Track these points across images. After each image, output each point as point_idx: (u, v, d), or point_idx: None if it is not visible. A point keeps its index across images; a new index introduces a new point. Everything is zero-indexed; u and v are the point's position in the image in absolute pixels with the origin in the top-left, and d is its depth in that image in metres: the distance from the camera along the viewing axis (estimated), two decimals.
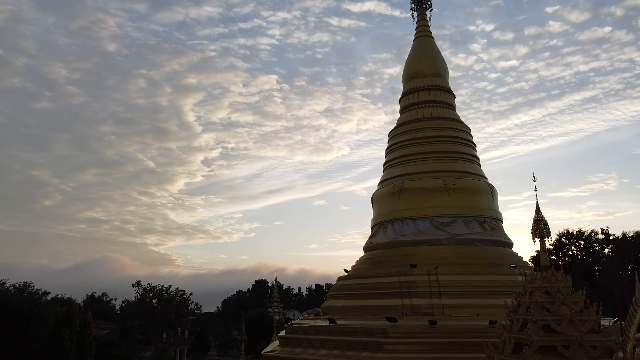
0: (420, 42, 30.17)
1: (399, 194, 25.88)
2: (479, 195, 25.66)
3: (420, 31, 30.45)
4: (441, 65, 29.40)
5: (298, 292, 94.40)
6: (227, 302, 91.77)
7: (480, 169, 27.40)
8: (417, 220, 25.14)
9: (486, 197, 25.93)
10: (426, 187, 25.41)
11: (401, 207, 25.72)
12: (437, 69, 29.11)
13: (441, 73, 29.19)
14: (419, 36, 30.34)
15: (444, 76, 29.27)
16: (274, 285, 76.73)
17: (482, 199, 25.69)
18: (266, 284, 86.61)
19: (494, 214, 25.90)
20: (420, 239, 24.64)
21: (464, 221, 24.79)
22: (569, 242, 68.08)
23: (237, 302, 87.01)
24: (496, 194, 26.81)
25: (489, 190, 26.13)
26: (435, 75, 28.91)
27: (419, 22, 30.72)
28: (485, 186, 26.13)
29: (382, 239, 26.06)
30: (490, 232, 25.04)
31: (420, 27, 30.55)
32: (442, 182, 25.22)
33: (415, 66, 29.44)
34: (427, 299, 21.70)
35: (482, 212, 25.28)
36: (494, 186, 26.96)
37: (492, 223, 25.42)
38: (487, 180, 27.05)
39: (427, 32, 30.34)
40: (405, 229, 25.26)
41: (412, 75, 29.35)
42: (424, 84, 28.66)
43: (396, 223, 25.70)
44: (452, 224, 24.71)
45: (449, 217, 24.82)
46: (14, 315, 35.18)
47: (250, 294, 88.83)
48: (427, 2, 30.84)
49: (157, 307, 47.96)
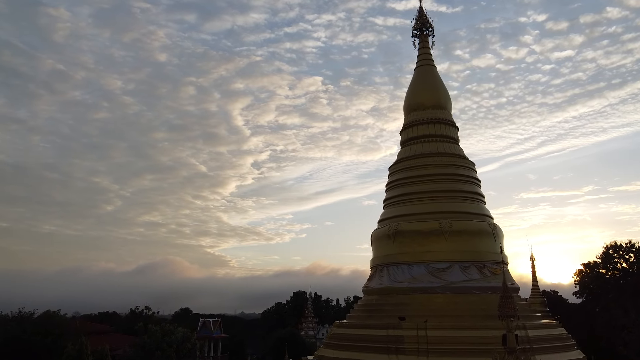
0: (420, 71, 28.86)
1: (394, 237, 24.84)
2: (479, 238, 24.18)
3: (422, 59, 29.13)
4: (442, 96, 27.98)
5: (336, 303, 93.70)
6: (267, 314, 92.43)
7: (483, 208, 25.86)
8: (411, 266, 24.02)
9: (487, 239, 24.40)
10: (421, 230, 24.22)
11: (396, 251, 24.67)
12: (438, 101, 27.72)
13: (442, 104, 27.77)
14: (420, 65, 29.03)
15: (445, 108, 27.84)
16: (309, 299, 76.35)
17: (481, 242, 24.19)
18: (304, 296, 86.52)
19: (495, 257, 24.29)
20: (414, 287, 23.50)
21: (461, 267, 23.44)
22: (618, 255, 64.12)
23: (275, 314, 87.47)
24: (500, 234, 25.22)
25: (490, 231, 24.57)
26: (436, 107, 27.54)
27: (421, 49, 29.39)
28: (487, 227, 24.59)
29: (377, 284, 25.09)
30: (490, 278, 23.51)
31: (422, 54, 29.23)
32: (437, 224, 23.96)
33: (415, 98, 28.19)
34: (414, 356, 20.64)
35: (482, 257, 23.80)
36: (497, 226, 25.38)
37: (493, 268, 23.87)
38: (491, 220, 25.50)
39: (429, 61, 28.98)
40: (400, 275, 24.18)
41: (412, 107, 28.11)
42: (424, 116, 27.37)
43: (391, 268, 24.67)
44: (447, 270, 23.42)
45: (444, 262, 23.53)
46: (38, 350, 36.67)
47: (289, 305, 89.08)
48: (429, 28, 29.46)
49: None
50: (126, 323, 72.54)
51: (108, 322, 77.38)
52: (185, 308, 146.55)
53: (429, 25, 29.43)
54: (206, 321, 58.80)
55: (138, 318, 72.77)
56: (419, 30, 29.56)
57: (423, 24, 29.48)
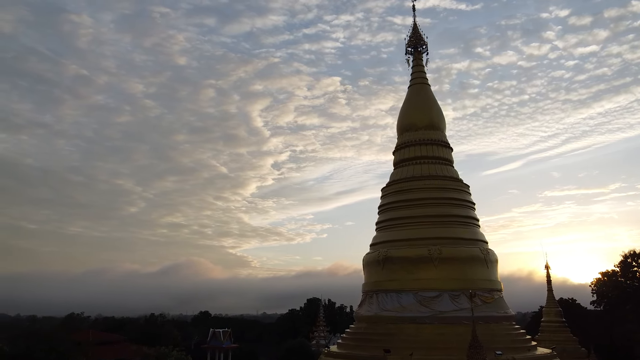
0: (413, 90, 28.23)
1: (383, 263, 24.33)
2: (469, 265, 23.49)
3: (415, 77, 28.49)
4: (435, 116, 27.31)
5: (350, 310, 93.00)
6: (281, 321, 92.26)
7: (476, 232, 25.13)
8: (400, 294, 23.45)
9: (479, 266, 23.69)
10: (410, 256, 23.64)
11: (385, 277, 24.16)
12: (431, 121, 27.06)
13: (435, 125, 27.10)
14: (413, 84, 28.40)
15: (438, 128, 27.16)
16: (323, 306, 75.76)
17: (473, 269, 23.50)
18: (318, 302, 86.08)
19: (487, 284, 23.62)
20: (402, 316, 22.93)
21: (451, 296, 22.78)
22: (637, 263, 62.38)
23: (289, 322, 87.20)
24: (493, 259, 24.47)
25: (482, 257, 23.85)
26: (429, 127, 26.89)
27: (414, 67, 28.75)
28: (478, 253, 23.86)
29: (366, 311, 24.60)
30: (481, 307, 22.77)
31: (415, 72, 28.59)
32: (427, 251, 23.36)
33: (407, 118, 27.59)
34: None
35: (473, 284, 23.05)
36: (491, 251, 24.64)
37: (485, 296, 23.16)
38: (484, 245, 24.77)
39: (423, 79, 28.32)
40: (389, 303, 23.64)
41: (404, 127, 27.52)
42: (416, 137, 26.75)
43: (380, 295, 24.14)
44: (436, 299, 22.79)
45: (433, 291, 22.90)
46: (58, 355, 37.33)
47: (303, 312, 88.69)
48: (423, 46, 28.80)
49: None
50: (141, 329, 72.98)
51: (126, 327, 77.97)
52: (205, 311, 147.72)
53: (423, 42, 28.77)
54: (216, 331, 58.82)
55: (152, 326, 73.33)
56: (413, 47, 28.91)
57: (417, 41, 28.84)
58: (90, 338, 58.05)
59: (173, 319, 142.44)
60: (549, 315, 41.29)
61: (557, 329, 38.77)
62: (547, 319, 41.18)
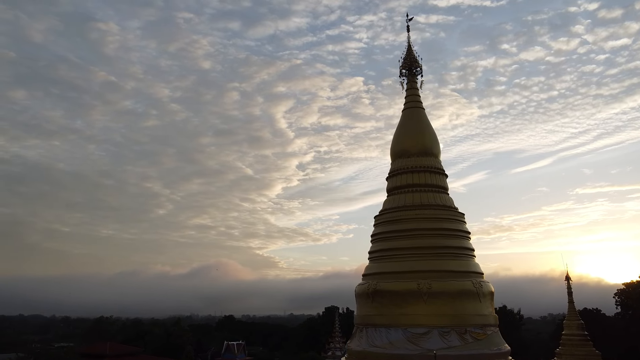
0: (406, 115, 27.50)
1: (372, 297, 23.78)
2: (460, 300, 22.71)
3: (409, 101, 27.75)
4: (428, 142, 26.53)
5: None
6: (300, 330, 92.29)
7: (469, 264, 24.30)
8: (389, 330, 22.84)
9: (471, 300, 22.88)
10: (398, 290, 23.01)
11: (374, 312, 23.60)
12: (424, 147, 26.30)
13: (429, 151, 26.34)
14: (407, 107, 27.65)
15: (432, 154, 26.38)
16: (337, 316, 75.18)
17: (464, 304, 22.72)
18: (336, 311, 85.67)
19: (480, 320, 22.80)
20: (391, 353, 22.30)
21: (440, 332, 22.06)
22: None
23: (308, 330, 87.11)
24: (487, 292, 23.62)
25: (475, 291, 23.03)
26: (421, 154, 26.14)
27: (408, 90, 28.01)
28: (470, 287, 23.05)
29: (356, 346, 24.08)
30: (473, 345, 22.03)
31: (409, 96, 27.83)
32: (416, 285, 22.70)
33: (399, 144, 26.89)
34: None
35: (464, 320, 22.34)
36: (485, 284, 23.79)
37: (476, 333, 22.36)
38: (478, 278, 23.93)
39: (417, 103, 27.57)
40: (378, 339, 23.06)
41: (397, 154, 26.85)
42: (409, 164, 26.05)
43: (370, 330, 23.60)
44: (425, 336, 22.10)
45: (423, 327, 22.21)
46: None
47: (320, 320, 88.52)
48: (418, 67, 28.06)
49: None
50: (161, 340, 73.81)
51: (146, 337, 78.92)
52: (229, 315, 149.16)
53: (417, 64, 28.03)
54: (230, 344, 59.36)
55: (172, 336, 73.90)
56: (407, 69, 28.20)
57: (411, 62, 28.11)
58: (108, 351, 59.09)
59: (199, 323, 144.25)
60: (570, 329, 40.51)
61: (579, 343, 38.29)
62: (568, 332, 40.59)
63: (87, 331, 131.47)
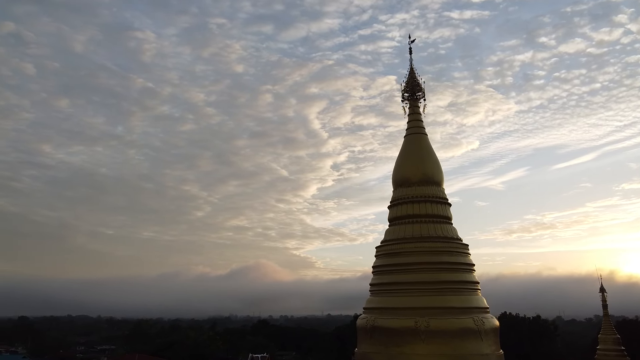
0: (408, 141, 26.73)
1: (371, 333, 23.24)
2: (460, 338, 21.85)
3: (411, 127, 26.97)
4: (430, 170, 25.70)
5: None
6: (331, 337, 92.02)
7: (471, 299, 23.36)
8: None
9: (471, 339, 21.98)
10: (396, 328, 22.35)
11: (372, 349, 23.02)
12: (425, 175, 25.50)
13: (430, 179, 25.52)
14: (409, 134, 26.88)
15: (434, 183, 25.54)
16: None
17: (464, 343, 21.85)
18: None
19: (481, 359, 21.97)
20: None
21: None
22: None
23: (337, 339, 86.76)
24: (490, 329, 22.65)
25: (476, 329, 22.11)
26: (423, 183, 25.36)
27: (410, 115, 27.23)
28: (471, 324, 22.16)
29: None
30: None
31: (412, 121, 27.04)
32: (413, 322, 22.00)
33: (400, 172, 26.16)
34: None
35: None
36: (488, 320, 22.85)
37: None
38: (481, 314, 22.99)
39: (419, 129, 26.78)
40: None
41: (397, 182, 26.15)
42: (409, 194, 25.32)
43: None
44: None
45: None
46: None
47: (349, 329, 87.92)
48: (420, 91, 27.28)
49: None
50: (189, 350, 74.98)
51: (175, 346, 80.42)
52: (263, 319, 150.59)
53: (420, 88, 27.25)
54: (254, 357, 59.75)
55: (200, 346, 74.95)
56: (410, 93, 27.45)
57: (414, 86, 27.35)
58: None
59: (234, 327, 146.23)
60: (606, 344, 39.88)
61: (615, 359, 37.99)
62: (604, 347, 39.98)
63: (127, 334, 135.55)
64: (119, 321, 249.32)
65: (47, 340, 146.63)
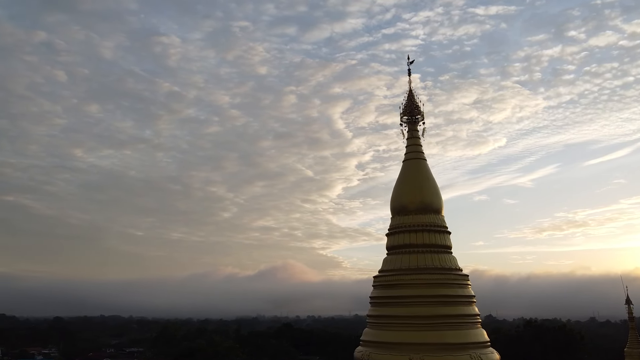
0: (406, 167, 25.97)
1: None
2: None
3: (410, 151, 26.18)
4: (428, 198, 24.89)
5: None
6: (353, 341, 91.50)
7: (469, 335, 22.48)
8: None
9: None
10: None
11: None
12: (423, 203, 24.71)
13: (428, 207, 24.72)
14: (407, 159, 26.09)
15: (432, 211, 24.72)
16: None
17: None
18: None
19: None
20: None
21: None
22: None
23: None
24: None
25: None
26: (420, 211, 24.58)
27: (409, 139, 26.44)
28: None
29: None
30: None
31: (410, 146, 26.26)
32: (407, 359, 21.43)
33: (398, 199, 25.43)
34: None
35: None
36: (487, 355, 22.02)
37: None
38: (479, 349, 22.13)
39: (417, 154, 25.98)
40: None
41: (395, 210, 25.43)
42: (407, 222, 24.58)
43: None
44: None
45: None
46: None
47: None
48: (419, 114, 26.50)
49: None
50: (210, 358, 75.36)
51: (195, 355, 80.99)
52: (288, 323, 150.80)
53: (419, 111, 26.48)
54: None
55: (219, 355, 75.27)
56: (409, 116, 26.70)
57: (413, 109, 26.60)
58: None
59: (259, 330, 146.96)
60: (632, 358, 38.50)
61: None
62: None
63: (155, 336, 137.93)
64: (149, 322, 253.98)
65: (79, 342, 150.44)
